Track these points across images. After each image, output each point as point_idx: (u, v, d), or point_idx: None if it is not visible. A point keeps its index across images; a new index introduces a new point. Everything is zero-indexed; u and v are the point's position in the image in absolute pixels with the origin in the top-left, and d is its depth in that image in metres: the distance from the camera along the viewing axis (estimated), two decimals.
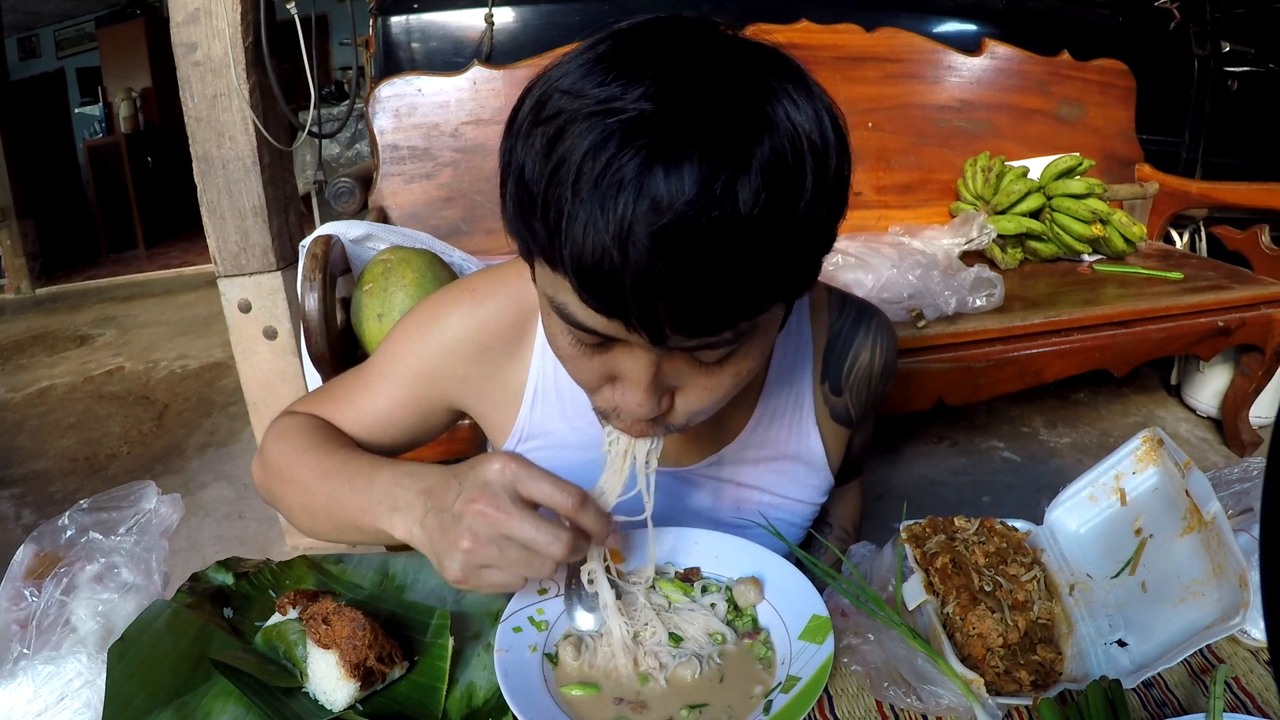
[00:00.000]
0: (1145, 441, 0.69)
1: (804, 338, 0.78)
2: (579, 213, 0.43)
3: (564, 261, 0.46)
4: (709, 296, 0.45)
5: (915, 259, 1.85)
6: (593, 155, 0.43)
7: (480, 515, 0.53)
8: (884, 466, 2.36)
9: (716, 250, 0.43)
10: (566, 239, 0.44)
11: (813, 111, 0.47)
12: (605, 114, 0.43)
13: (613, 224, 0.43)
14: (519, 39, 2.21)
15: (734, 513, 0.80)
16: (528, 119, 0.47)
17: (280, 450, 0.72)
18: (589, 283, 0.45)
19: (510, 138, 0.49)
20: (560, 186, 0.44)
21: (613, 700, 0.58)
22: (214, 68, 1.71)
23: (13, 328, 4.46)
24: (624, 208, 0.42)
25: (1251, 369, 2.19)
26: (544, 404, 0.74)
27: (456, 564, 0.54)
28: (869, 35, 2.26)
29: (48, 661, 0.60)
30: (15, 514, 2.40)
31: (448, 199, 2.01)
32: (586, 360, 0.54)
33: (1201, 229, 2.57)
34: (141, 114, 6.49)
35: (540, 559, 0.54)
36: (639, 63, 0.45)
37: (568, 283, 0.47)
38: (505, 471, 0.54)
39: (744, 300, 0.47)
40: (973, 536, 0.70)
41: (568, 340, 0.54)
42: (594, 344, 0.52)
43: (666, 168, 0.42)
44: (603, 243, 0.43)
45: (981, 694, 0.55)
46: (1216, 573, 0.58)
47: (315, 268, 1.41)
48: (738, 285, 0.45)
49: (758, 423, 0.77)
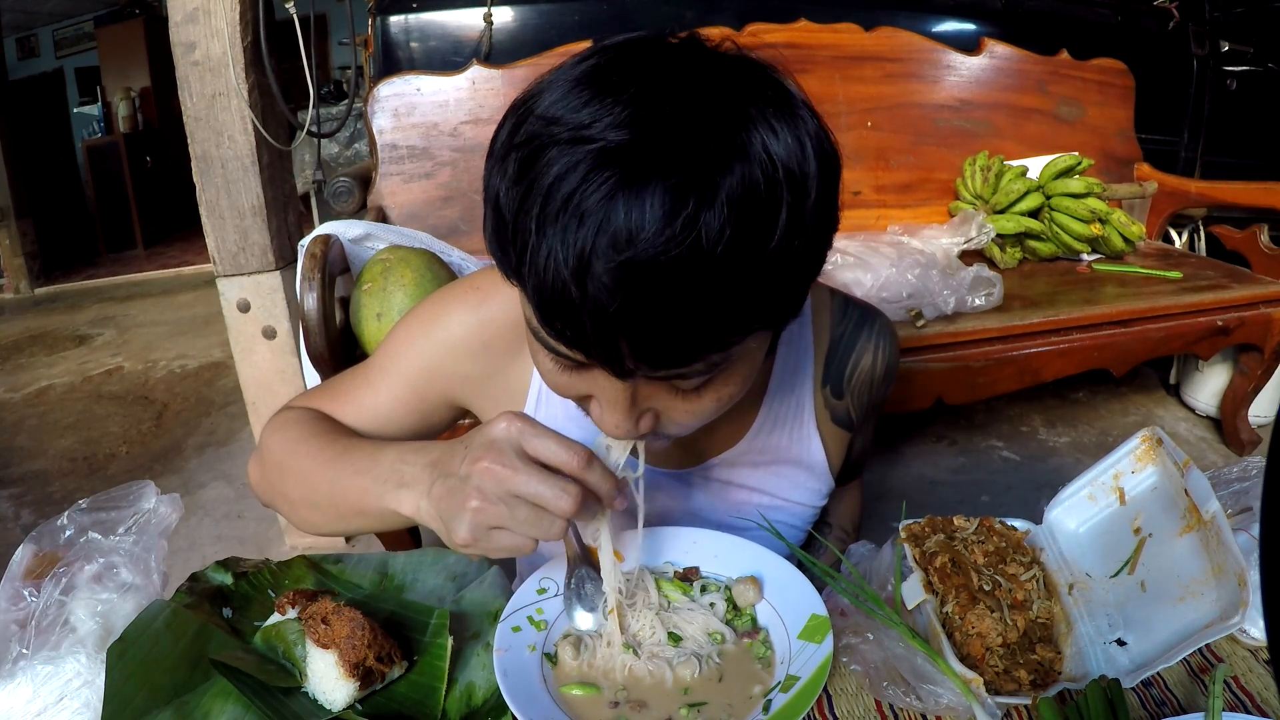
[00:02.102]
0: (1144, 441, 0.69)
1: (805, 342, 0.78)
2: (542, 243, 0.43)
3: (527, 290, 0.46)
4: (671, 332, 0.44)
5: (914, 258, 1.85)
6: (560, 183, 0.43)
7: (487, 472, 0.52)
8: (883, 466, 2.36)
9: (678, 286, 0.42)
10: (530, 268, 0.44)
11: (793, 140, 0.45)
12: (576, 142, 0.43)
13: (572, 257, 0.42)
14: (518, 39, 2.21)
15: (734, 514, 0.80)
16: (504, 142, 0.47)
17: (279, 443, 0.71)
18: (549, 313, 0.45)
19: (490, 160, 0.49)
20: (527, 215, 0.44)
21: (612, 700, 0.58)
22: (213, 67, 1.70)
23: (11, 327, 4.45)
24: (584, 240, 0.42)
25: (1250, 368, 2.19)
26: (548, 404, 0.74)
27: (465, 525, 0.52)
28: (868, 34, 2.26)
29: (47, 661, 0.60)
30: (14, 514, 2.40)
31: (447, 198, 2.01)
32: (565, 378, 0.54)
33: (1200, 228, 2.57)
34: (140, 114, 6.49)
35: (549, 518, 0.52)
36: (617, 86, 0.44)
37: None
38: (511, 429, 0.53)
39: (710, 334, 0.46)
40: (972, 536, 0.70)
41: (545, 357, 0.53)
42: (569, 366, 0.52)
43: (629, 199, 0.41)
44: (562, 275, 0.43)
45: (981, 693, 0.55)
46: (1215, 572, 0.58)
47: (314, 267, 1.41)
48: (703, 320, 0.44)
49: (759, 428, 0.77)
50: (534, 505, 0.52)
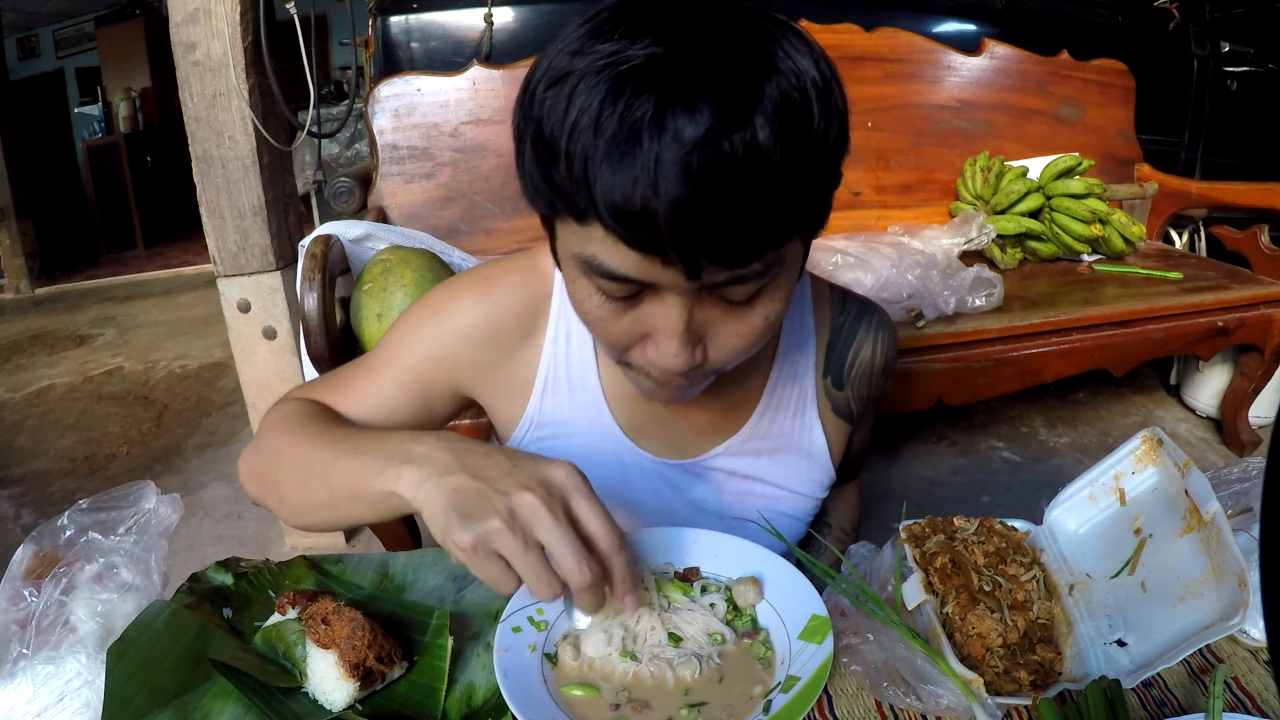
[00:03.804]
0: (1145, 441, 0.69)
1: (807, 332, 0.79)
2: (605, 156, 0.45)
3: (596, 205, 0.47)
4: (739, 222, 0.47)
5: (915, 259, 1.85)
6: (610, 102, 0.45)
7: (530, 506, 0.50)
8: (883, 466, 2.36)
9: (741, 177, 0.46)
10: (596, 183, 0.46)
11: (809, 53, 0.50)
12: (615, 64, 0.46)
13: (640, 160, 0.45)
14: (519, 39, 2.21)
15: (737, 506, 0.81)
16: (540, 84, 0.50)
17: (277, 429, 0.68)
18: (624, 220, 0.47)
19: (523, 106, 0.51)
20: (581, 137, 0.46)
21: (612, 700, 0.58)
22: (213, 67, 1.71)
23: (12, 328, 4.46)
24: (649, 143, 0.45)
25: (1251, 369, 2.19)
26: (554, 393, 0.74)
27: (473, 533, 0.50)
28: (868, 35, 2.26)
29: (47, 661, 0.60)
30: (15, 514, 2.40)
31: (447, 199, 2.01)
32: (616, 320, 0.55)
33: (1201, 229, 2.57)
34: (141, 114, 6.49)
35: (551, 580, 0.51)
36: (641, 21, 0.47)
37: (598, 231, 0.49)
38: (570, 481, 0.53)
39: (771, 227, 0.49)
40: (972, 536, 0.70)
41: (596, 301, 0.54)
42: (624, 297, 0.53)
43: (684, 105, 0.44)
44: (633, 176, 0.45)
45: (981, 694, 0.55)
46: (1216, 573, 0.58)
47: (314, 267, 1.41)
48: (764, 211, 0.48)
49: (762, 414, 0.78)
50: (544, 560, 0.51)
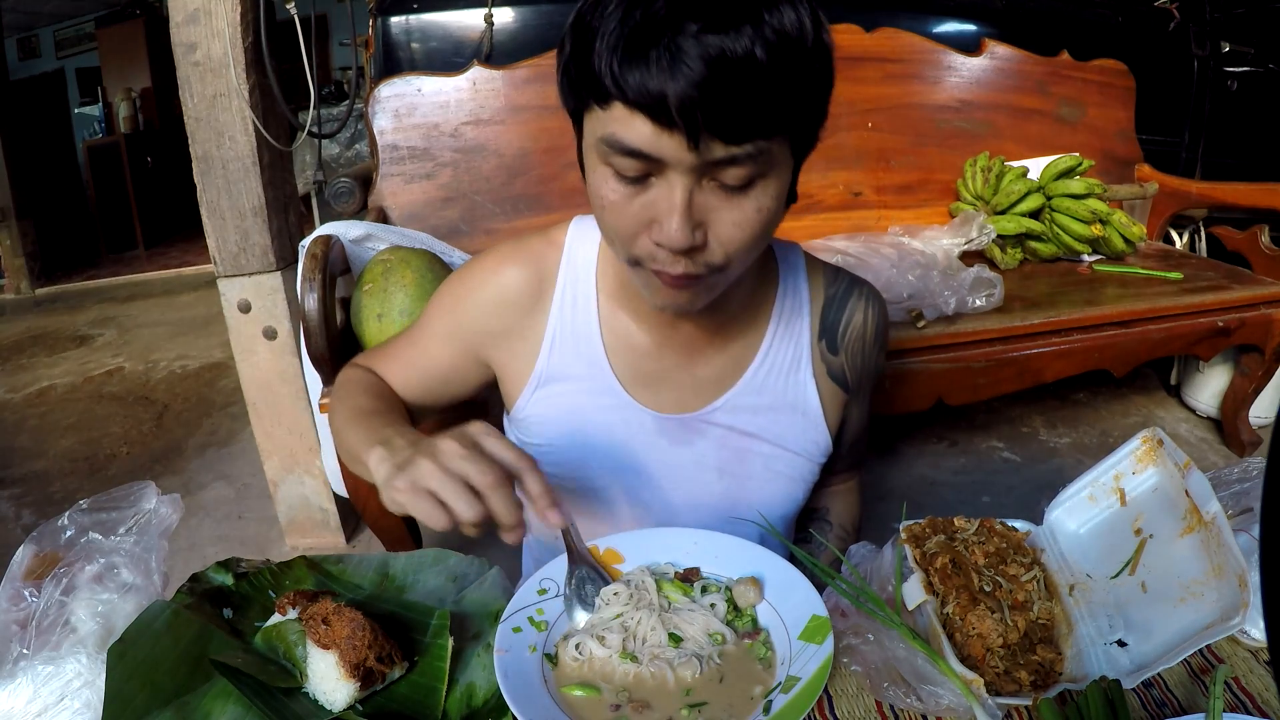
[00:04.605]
0: (1145, 442, 0.69)
1: (802, 297, 0.85)
2: (628, 39, 0.54)
3: (618, 80, 0.55)
4: (735, 101, 0.55)
5: (915, 259, 1.85)
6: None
7: (448, 447, 0.60)
8: (884, 466, 2.36)
9: (738, 66, 0.54)
10: (617, 43, 0.55)
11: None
12: None
13: (657, 46, 0.54)
14: (519, 39, 2.21)
15: (735, 463, 0.85)
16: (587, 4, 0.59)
17: (339, 389, 0.87)
18: (640, 93, 0.55)
19: (572, 25, 0.60)
20: (609, 20, 0.56)
21: (612, 700, 0.58)
22: (213, 68, 1.71)
23: (12, 328, 4.46)
24: (663, 34, 0.54)
25: (1251, 369, 2.19)
26: (560, 348, 0.83)
27: (407, 477, 0.59)
28: (868, 35, 2.26)
29: (47, 662, 0.60)
30: (15, 514, 2.41)
31: (447, 199, 2.01)
32: (628, 204, 0.62)
33: (1201, 229, 2.57)
34: (141, 114, 6.49)
35: (470, 498, 0.58)
36: None
37: (618, 110, 0.57)
38: (479, 427, 0.63)
39: (763, 114, 0.57)
40: (972, 536, 0.70)
41: (612, 185, 0.62)
42: (635, 179, 0.61)
43: (695, 5, 0.54)
44: (650, 57, 0.54)
45: (981, 694, 0.55)
46: (1216, 573, 0.58)
47: (315, 268, 1.41)
48: (760, 97, 0.56)
49: (759, 367, 0.84)
50: (465, 486, 0.59)
